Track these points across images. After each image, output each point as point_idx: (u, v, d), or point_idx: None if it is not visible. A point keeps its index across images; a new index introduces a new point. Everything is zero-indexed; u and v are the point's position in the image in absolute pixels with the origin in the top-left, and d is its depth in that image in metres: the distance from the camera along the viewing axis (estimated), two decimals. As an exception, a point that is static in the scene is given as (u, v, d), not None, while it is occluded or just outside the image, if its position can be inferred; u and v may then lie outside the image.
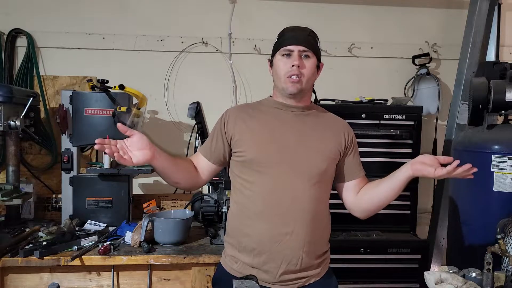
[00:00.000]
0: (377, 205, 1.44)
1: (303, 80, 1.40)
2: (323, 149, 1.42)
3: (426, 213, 2.63)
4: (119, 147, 1.27)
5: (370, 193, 1.45)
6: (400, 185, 1.36)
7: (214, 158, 1.48)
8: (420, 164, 1.30)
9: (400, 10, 2.77)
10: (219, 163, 1.49)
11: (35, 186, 2.37)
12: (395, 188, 1.37)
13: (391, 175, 1.40)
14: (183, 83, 2.64)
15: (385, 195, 1.40)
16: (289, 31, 1.44)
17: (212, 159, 1.48)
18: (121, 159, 1.26)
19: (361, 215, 1.50)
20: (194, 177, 1.49)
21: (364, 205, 1.46)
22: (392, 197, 1.39)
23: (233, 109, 1.54)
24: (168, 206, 2.47)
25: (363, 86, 2.69)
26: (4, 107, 2.02)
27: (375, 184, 1.44)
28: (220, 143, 1.46)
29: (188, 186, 1.55)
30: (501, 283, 1.35)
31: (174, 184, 1.48)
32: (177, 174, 1.44)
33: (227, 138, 1.45)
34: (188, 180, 1.48)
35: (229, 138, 1.45)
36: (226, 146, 1.46)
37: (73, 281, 1.79)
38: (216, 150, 1.47)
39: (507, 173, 1.83)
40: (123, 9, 2.60)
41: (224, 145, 1.46)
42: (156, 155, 1.34)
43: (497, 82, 1.96)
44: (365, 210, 1.47)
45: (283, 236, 1.36)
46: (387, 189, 1.39)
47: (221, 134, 1.46)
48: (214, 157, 1.48)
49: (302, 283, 1.39)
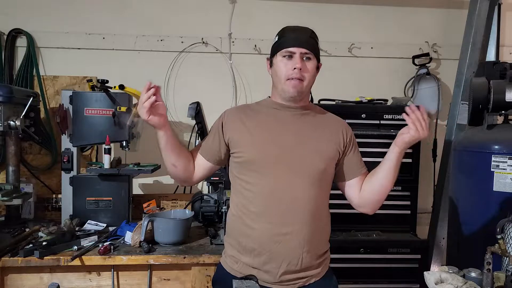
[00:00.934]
0: (379, 191, 1.44)
1: (304, 83, 1.40)
2: (321, 148, 1.42)
3: (426, 213, 2.63)
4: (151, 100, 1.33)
5: (370, 183, 1.46)
6: (394, 164, 1.39)
7: (210, 156, 1.48)
8: (399, 136, 1.38)
9: (400, 10, 2.78)
10: (215, 162, 1.49)
11: (35, 186, 2.37)
12: (391, 168, 1.40)
13: (384, 159, 1.43)
14: (183, 83, 2.64)
15: (385, 179, 1.41)
16: (290, 32, 1.42)
17: (207, 157, 1.48)
18: (148, 108, 1.33)
19: (369, 209, 1.49)
20: (190, 169, 1.49)
21: (368, 195, 1.46)
22: (392, 179, 1.41)
23: (232, 110, 1.54)
24: (168, 206, 2.47)
25: (363, 86, 2.69)
26: (4, 107, 2.02)
27: (372, 173, 1.46)
28: (217, 142, 1.47)
29: (183, 176, 1.51)
30: (501, 283, 1.35)
31: (171, 166, 1.47)
32: (178, 157, 1.44)
33: (224, 138, 1.46)
34: (185, 169, 1.47)
35: (226, 139, 1.45)
36: (222, 146, 1.46)
37: (73, 281, 1.79)
38: (212, 149, 1.48)
39: (507, 173, 1.83)
40: (123, 9, 2.60)
41: (220, 145, 1.46)
42: (167, 126, 1.40)
43: (497, 82, 1.96)
44: (371, 201, 1.47)
45: (283, 236, 1.36)
46: (385, 172, 1.41)
47: (219, 134, 1.47)
48: (210, 155, 1.48)
49: (302, 283, 1.39)
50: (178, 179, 1.54)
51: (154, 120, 1.36)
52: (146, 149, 2.42)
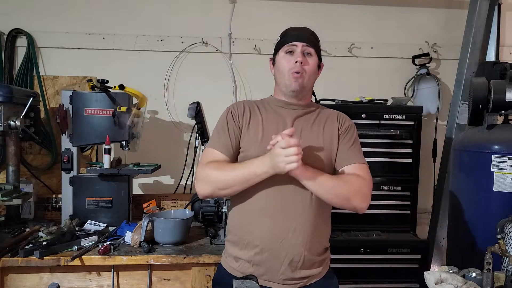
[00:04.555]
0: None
1: (305, 77, 1.41)
2: (321, 145, 1.43)
3: (426, 213, 2.64)
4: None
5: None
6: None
7: (233, 153, 1.42)
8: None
9: (400, 10, 2.78)
10: (234, 158, 1.44)
11: (35, 186, 2.37)
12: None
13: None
14: (183, 83, 2.64)
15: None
16: (292, 30, 1.47)
17: (231, 156, 1.42)
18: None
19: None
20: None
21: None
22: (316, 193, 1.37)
23: (239, 103, 1.51)
24: (168, 206, 2.47)
25: (363, 86, 2.69)
26: (4, 107, 2.02)
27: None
28: (238, 134, 1.42)
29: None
30: (501, 283, 1.35)
31: (230, 192, 1.40)
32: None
33: (240, 127, 1.43)
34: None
35: (241, 127, 1.42)
36: (238, 138, 1.42)
37: (73, 281, 1.79)
38: (235, 145, 1.42)
39: (507, 173, 1.83)
40: (123, 9, 2.60)
41: (238, 137, 1.42)
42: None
43: (497, 82, 1.96)
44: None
45: (286, 233, 1.36)
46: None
47: (234, 125, 1.42)
48: (234, 152, 1.42)
49: (303, 283, 1.39)
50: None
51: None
52: (146, 149, 2.43)
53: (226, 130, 1.43)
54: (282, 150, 1.25)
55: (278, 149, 1.26)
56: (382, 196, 2.27)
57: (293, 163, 1.25)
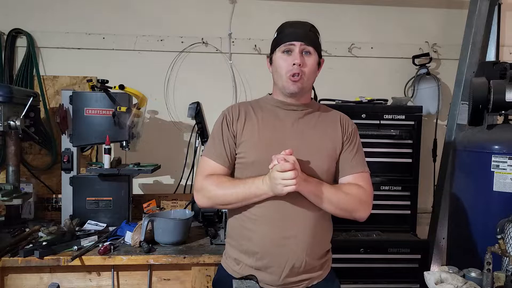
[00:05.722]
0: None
1: (304, 79, 1.36)
2: (323, 148, 1.39)
3: (426, 213, 2.64)
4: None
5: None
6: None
7: (230, 163, 1.41)
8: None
9: (400, 10, 2.78)
10: (231, 167, 1.42)
11: (35, 186, 2.37)
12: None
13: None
14: (183, 83, 2.64)
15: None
16: (289, 27, 1.40)
17: (228, 166, 1.41)
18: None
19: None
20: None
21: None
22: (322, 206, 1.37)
23: (234, 107, 1.47)
24: (168, 206, 2.47)
25: (363, 86, 2.69)
26: (4, 107, 2.02)
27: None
28: (233, 142, 1.40)
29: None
30: (501, 283, 1.35)
31: (228, 207, 1.42)
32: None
33: (234, 135, 1.40)
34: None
35: (235, 135, 1.40)
36: (233, 147, 1.41)
37: (73, 281, 1.79)
38: (230, 153, 1.40)
39: (507, 173, 1.83)
40: (123, 9, 2.60)
41: (233, 146, 1.40)
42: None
43: (497, 82, 1.96)
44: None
45: (286, 240, 1.34)
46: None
47: (229, 133, 1.40)
48: (230, 162, 1.41)
49: (305, 284, 1.38)
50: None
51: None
52: (146, 149, 2.43)
53: (221, 139, 1.41)
54: (279, 174, 1.24)
55: (275, 172, 1.25)
56: (382, 196, 2.27)
57: (290, 186, 1.24)
